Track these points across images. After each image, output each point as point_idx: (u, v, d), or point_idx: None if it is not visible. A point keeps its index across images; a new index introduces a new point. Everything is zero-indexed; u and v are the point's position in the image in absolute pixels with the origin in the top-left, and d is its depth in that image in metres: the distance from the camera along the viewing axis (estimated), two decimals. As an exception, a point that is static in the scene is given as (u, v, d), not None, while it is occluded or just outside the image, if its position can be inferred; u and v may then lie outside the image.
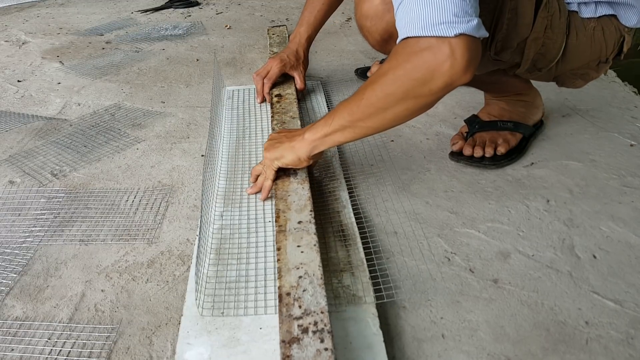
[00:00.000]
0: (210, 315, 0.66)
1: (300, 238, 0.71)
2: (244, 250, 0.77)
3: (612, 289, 0.70)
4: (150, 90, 1.40)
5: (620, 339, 0.63)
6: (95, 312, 0.70)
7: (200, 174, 0.99)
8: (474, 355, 0.61)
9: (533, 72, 0.88)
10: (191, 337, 0.63)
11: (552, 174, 0.94)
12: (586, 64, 0.89)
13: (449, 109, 1.19)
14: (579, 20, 0.83)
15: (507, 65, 0.87)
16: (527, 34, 0.81)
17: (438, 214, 0.85)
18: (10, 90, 1.44)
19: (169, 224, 0.86)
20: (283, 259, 0.68)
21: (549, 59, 0.85)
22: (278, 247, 0.70)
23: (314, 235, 0.72)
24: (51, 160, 1.07)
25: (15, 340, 0.66)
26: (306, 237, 0.71)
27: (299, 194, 0.81)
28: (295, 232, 0.73)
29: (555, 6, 0.80)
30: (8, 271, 0.77)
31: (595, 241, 0.78)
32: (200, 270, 0.71)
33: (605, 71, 0.92)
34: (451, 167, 0.97)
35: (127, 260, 0.79)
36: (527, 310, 0.67)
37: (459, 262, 0.75)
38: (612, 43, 0.86)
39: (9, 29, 2.01)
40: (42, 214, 0.90)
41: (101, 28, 1.97)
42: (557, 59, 0.85)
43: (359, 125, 0.74)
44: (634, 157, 0.99)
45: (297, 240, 0.71)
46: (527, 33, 0.81)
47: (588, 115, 1.14)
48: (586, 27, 0.83)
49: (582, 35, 0.84)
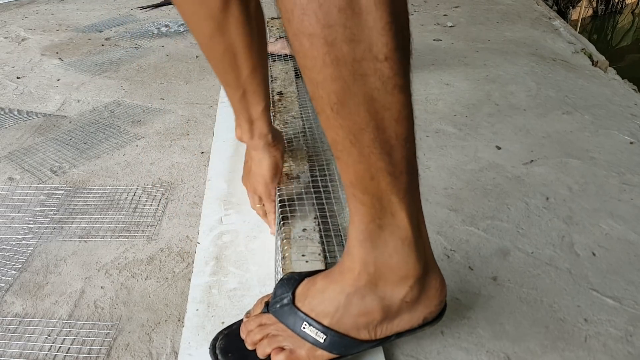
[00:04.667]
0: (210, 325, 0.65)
1: (304, 247, 0.71)
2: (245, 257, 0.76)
3: (611, 287, 0.70)
4: (149, 87, 1.39)
5: (619, 336, 0.63)
6: (94, 309, 0.70)
7: (200, 171, 0.99)
8: (473, 352, 0.62)
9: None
10: (192, 347, 0.63)
11: (552, 172, 0.94)
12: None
13: (448, 106, 1.19)
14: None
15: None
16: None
17: (437, 212, 0.85)
18: (9, 86, 1.44)
19: (169, 221, 0.86)
20: (288, 268, 0.68)
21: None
22: (283, 256, 0.70)
23: (319, 244, 0.71)
24: (51, 157, 1.07)
25: (15, 337, 0.66)
26: (311, 247, 0.71)
27: (303, 200, 0.81)
28: (299, 240, 0.72)
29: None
30: (7, 268, 0.77)
31: (595, 239, 0.78)
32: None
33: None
34: (451, 165, 0.97)
35: (127, 257, 0.79)
36: (526, 308, 0.67)
37: (459, 260, 0.75)
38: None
39: (8, 25, 2.00)
40: (41, 211, 0.90)
41: (100, 25, 1.97)
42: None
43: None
44: (634, 154, 0.99)
45: (302, 249, 0.70)
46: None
47: (588, 113, 1.14)
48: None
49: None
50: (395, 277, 0.51)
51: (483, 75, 1.36)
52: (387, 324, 0.54)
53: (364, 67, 0.40)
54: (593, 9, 4.53)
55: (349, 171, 0.46)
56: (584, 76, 1.36)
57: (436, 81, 1.33)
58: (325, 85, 0.42)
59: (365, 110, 0.42)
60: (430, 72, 1.39)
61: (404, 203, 0.48)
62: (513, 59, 1.46)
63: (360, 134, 0.43)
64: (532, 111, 1.16)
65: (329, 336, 0.53)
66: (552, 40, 1.63)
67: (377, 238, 0.49)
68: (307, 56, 0.41)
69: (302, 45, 0.41)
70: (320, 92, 0.43)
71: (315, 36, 0.40)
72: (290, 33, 0.41)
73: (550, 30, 1.74)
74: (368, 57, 0.40)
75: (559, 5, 4.13)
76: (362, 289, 0.52)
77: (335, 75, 0.41)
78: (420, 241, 0.51)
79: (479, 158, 0.99)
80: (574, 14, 4.30)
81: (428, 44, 1.61)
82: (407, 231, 0.49)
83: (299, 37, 0.41)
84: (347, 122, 0.43)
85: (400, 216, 0.48)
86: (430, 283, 0.54)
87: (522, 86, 1.29)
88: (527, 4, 2.02)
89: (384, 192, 0.47)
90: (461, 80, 1.34)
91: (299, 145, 0.94)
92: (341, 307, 0.52)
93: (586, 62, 1.47)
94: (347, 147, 0.45)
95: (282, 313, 0.55)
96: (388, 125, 0.43)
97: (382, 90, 0.41)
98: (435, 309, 0.56)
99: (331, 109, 0.43)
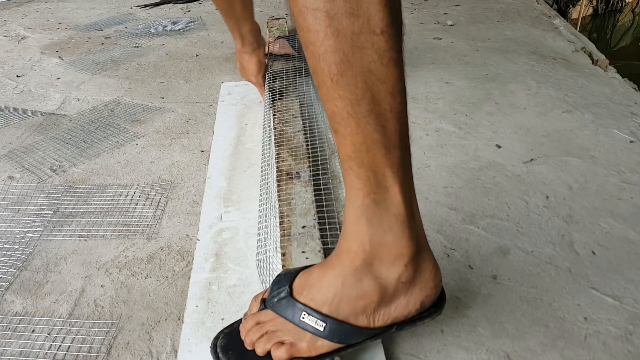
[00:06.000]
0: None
1: (304, 244, 0.71)
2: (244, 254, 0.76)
3: (611, 285, 0.70)
4: (149, 86, 1.39)
5: (619, 335, 0.63)
6: (94, 308, 0.70)
7: (200, 170, 0.99)
8: (472, 350, 0.62)
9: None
10: (192, 344, 0.63)
11: (552, 170, 0.94)
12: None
13: (448, 105, 1.19)
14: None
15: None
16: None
17: (437, 210, 0.85)
18: (9, 85, 1.44)
19: (169, 220, 0.86)
20: (288, 265, 0.68)
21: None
22: (283, 253, 0.70)
23: (319, 240, 0.71)
24: (50, 155, 1.07)
25: (15, 336, 0.66)
26: (311, 243, 0.71)
27: (303, 197, 0.81)
28: (299, 237, 0.72)
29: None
30: (8, 266, 0.78)
31: (595, 237, 0.79)
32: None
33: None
34: (451, 164, 0.97)
35: (127, 256, 0.79)
36: (526, 306, 0.67)
37: (458, 258, 0.75)
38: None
39: (8, 23, 2.00)
40: (41, 210, 0.90)
41: (100, 23, 1.97)
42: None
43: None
44: (634, 153, 0.99)
45: (302, 245, 0.71)
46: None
47: (588, 112, 1.14)
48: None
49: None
50: (390, 256, 0.53)
51: (483, 74, 1.36)
52: (385, 308, 0.54)
53: (362, 39, 0.44)
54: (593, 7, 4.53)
55: (346, 143, 0.49)
56: (584, 75, 1.36)
57: (436, 80, 1.33)
58: (326, 56, 0.45)
59: (363, 82, 0.45)
60: (430, 70, 1.39)
61: (397, 177, 0.50)
62: (513, 58, 1.46)
63: (357, 104, 0.46)
64: (532, 110, 1.16)
65: (329, 324, 0.53)
66: (552, 39, 1.63)
67: (372, 214, 0.51)
68: (310, 30, 0.44)
69: (306, 21, 0.44)
70: (321, 64, 0.45)
71: (319, 10, 0.43)
72: (296, 10, 0.45)
73: (550, 28, 1.73)
74: (366, 31, 0.43)
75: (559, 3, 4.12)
76: (359, 270, 0.53)
77: (335, 47, 0.44)
78: (413, 220, 0.53)
79: (479, 157, 0.99)
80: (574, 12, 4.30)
81: (428, 42, 1.61)
82: (400, 207, 0.51)
83: (303, 13, 0.44)
84: (346, 92, 0.46)
85: (394, 191, 0.51)
86: (424, 265, 0.55)
87: (522, 85, 1.29)
88: (527, 3, 2.01)
89: (378, 164, 0.49)
90: (461, 78, 1.33)
91: (299, 143, 0.94)
92: (339, 292, 0.53)
93: (586, 61, 1.47)
94: (345, 118, 0.47)
95: (280, 306, 0.55)
96: (383, 98, 0.46)
97: (378, 63, 0.45)
98: (432, 293, 0.56)
99: (331, 80, 0.46)
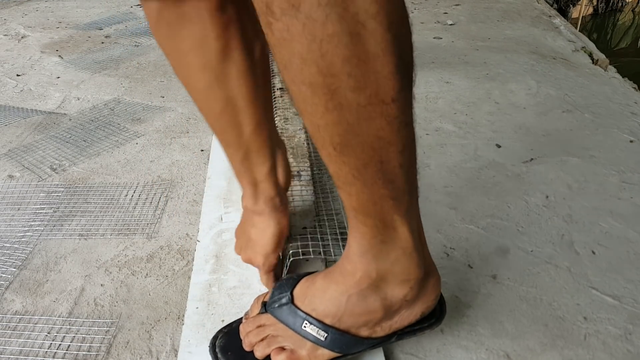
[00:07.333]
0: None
1: (305, 245, 0.71)
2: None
3: (610, 285, 0.70)
4: (149, 85, 1.39)
5: (619, 335, 0.63)
6: (94, 307, 0.70)
7: (200, 169, 0.99)
8: (472, 350, 0.62)
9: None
10: (192, 345, 0.63)
11: (552, 170, 0.94)
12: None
13: (448, 105, 1.19)
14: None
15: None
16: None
17: (437, 210, 0.85)
18: (9, 84, 1.43)
19: (169, 219, 0.86)
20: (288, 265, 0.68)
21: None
22: (283, 254, 0.70)
23: (319, 242, 0.71)
24: (50, 154, 1.07)
25: (15, 334, 0.66)
26: (311, 245, 0.71)
27: (303, 198, 0.81)
28: (300, 238, 0.72)
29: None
30: (7, 265, 0.78)
31: (594, 237, 0.79)
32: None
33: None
34: (451, 163, 0.97)
35: (127, 255, 0.79)
36: (526, 306, 0.67)
37: (458, 258, 0.75)
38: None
39: (8, 22, 2.00)
40: (41, 208, 0.90)
41: (100, 22, 1.97)
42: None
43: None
44: (634, 153, 0.99)
45: (302, 247, 0.70)
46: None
47: (588, 111, 1.14)
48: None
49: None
50: (397, 281, 0.52)
51: (483, 74, 1.36)
52: (387, 321, 0.54)
53: (369, 111, 0.38)
54: (593, 7, 4.53)
55: (351, 199, 0.45)
56: (584, 74, 1.35)
57: (436, 79, 1.33)
58: (328, 128, 0.39)
59: (370, 148, 0.40)
60: (430, 70, 1.39)
61: (405, 219, 0.48)
62: (513, 57, 1.46)
63: (364, 168, 0.42)
64: (532, 109, 1.16)
65: (330, 334, 0.53)
66: (552, 39, 1.63)
67: (379, 251, 0.49)
68: (307, 102, 0.38)
69: (302, 92, 0.38)
70: (322, 133, 0.40)
71: (317, 85, 0.37)
72: (288, 79, 0.38)
73: (550, 28, 1.73)
74: (374, 102, 0.38)
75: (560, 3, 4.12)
76: (365, 291, 0.52)
77: (338, 120, 0.39)
78: (420, 247, 0.52)
79: (479, 156, 0.99)
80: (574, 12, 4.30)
81: (428, 42, 1.61)
82: (408, 242, 0.49)
83: (297, 85, 0.38)
84: (351, 159, 0.41)
85: (402, 230, 0.49)
86: (429, 282, 0.55)
87: (522, 84, 1.29)
88: (527, 2, 2.01)
89: (387, 213, 0.46)
90: (461, 78, 1.33)
91: (300, 142, 0.94)
92: (342, 307, 0.52)
93: (586, 61, 1.47)
94: (350, 180, 0.43)
95: (281, 312, 0.55)
96: (392, 157, 0.42)
97: (387, 130, 0.40)
98: (432, 303, 0.56)
99: (334, 148, 0.41)
